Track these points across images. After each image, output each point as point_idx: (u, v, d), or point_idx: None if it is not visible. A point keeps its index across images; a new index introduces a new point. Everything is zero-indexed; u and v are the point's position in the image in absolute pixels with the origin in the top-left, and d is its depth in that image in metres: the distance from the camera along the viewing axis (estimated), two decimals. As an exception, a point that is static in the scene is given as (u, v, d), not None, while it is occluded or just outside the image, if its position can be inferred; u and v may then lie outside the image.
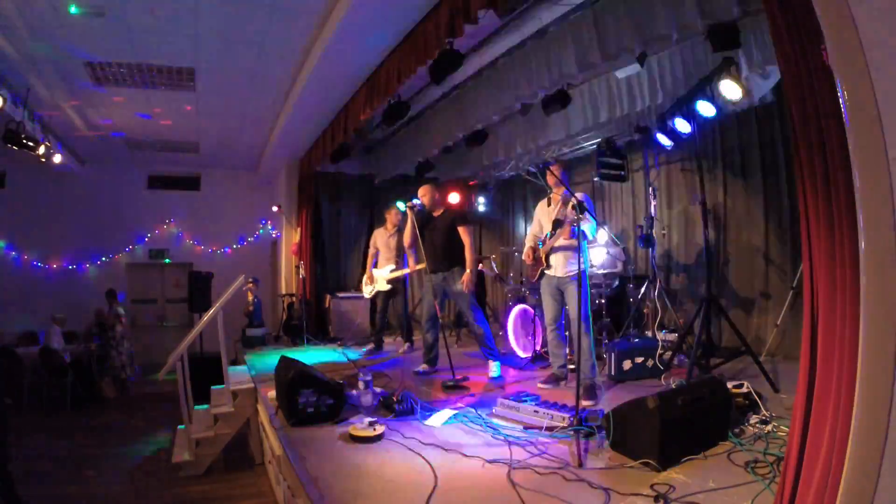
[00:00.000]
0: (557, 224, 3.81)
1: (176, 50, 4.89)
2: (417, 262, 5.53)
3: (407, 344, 5.97)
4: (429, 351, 4.72)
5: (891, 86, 1.36)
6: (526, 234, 4.39)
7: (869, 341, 1.41)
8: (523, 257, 4.12)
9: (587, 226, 3.60)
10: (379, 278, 5.82)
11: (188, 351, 4.29)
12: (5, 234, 8.54)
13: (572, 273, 3.70)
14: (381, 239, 5.90)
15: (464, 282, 4.43)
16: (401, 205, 8.21)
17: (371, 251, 5.99)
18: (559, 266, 3.83)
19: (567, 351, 4.17)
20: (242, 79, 5.59)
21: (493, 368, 4.48)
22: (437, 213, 4.69)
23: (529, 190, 7.73)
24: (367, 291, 6.01)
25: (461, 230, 4.52)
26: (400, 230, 5.68)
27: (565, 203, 3.81)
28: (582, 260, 3.30)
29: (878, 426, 1.36)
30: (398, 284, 5.81)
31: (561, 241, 3.79)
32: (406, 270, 5.68)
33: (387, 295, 5.84)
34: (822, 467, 1.53)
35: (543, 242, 3.96)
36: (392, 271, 5.74)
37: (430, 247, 4.59)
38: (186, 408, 4.21)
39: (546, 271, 3.91)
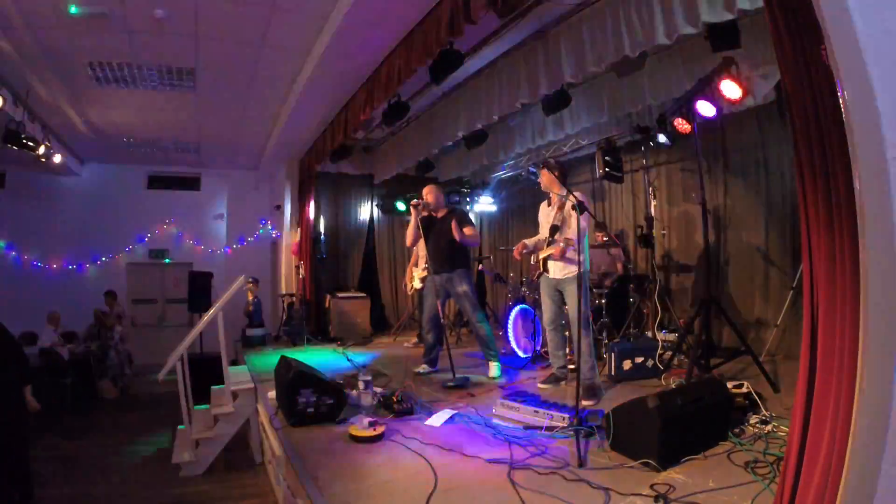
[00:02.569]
0: (555, 230, 3.76)
1: (176, 50, 4.89)
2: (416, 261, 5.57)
3: (414, 340, 6.03)
4: (429, 351, 4.72)
5: (891, 86, 1.36)
6: (525, 234, 4.34)
7: (869, 341, 1.41)
8: (514, 254, 4.00)
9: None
10: (416, 277, 6.06)
11: (188, 351, 4.29)
12: (5, 234, 8.53)
13: (570, 274, 3.68)
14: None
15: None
16: (401, 204, 8.26)
17: (414, 254, 6.22)
18: (557, 269, 3.79)
19: (567, 351, 4.16)
20: (242, 79, 5.59)
21: (494, 369, 4.48)
22: (440, 215, 4.66)
23: (529, 190, 7.73)
24: (409, 290, 6.48)
25: (466, 230, 4.47)
26: None
27: (561, 207, 3.74)
28: (581, 261, 3.29)
29: (878, 426, 1.36)
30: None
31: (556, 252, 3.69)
32: None
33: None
34: (822, 467, 1.53)
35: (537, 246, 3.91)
36: (423, 269, 5.91)
37: (433, 248, 4.57)
38: (186, 408, 4.21)
39: (545, 274, 3.88)
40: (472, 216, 8.21)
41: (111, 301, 8.01)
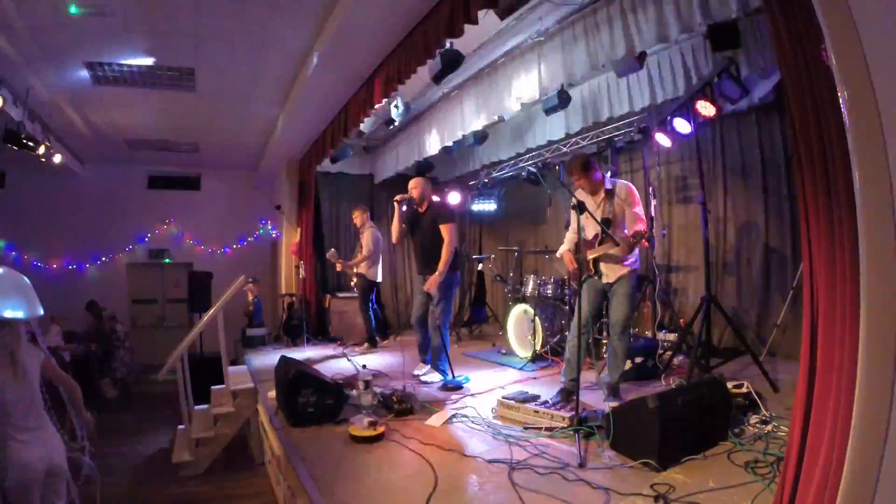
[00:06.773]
0: (607, 224, 3.36)
1: (176, 50, 4.89)
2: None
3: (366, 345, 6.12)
4: (423, 351, 4.68)
5: (891, 86, 1.36)
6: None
7: (869, 341, 1.41)
8: (565, 261, 3.66)
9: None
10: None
11: (188, 351, 4.29)
12: (5, 234, 8.53)
13: (623, 273, 3.40)
14: None
15: (430, 283, 4.16)
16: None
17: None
18: (611, 272, 3.42)
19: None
20: (242, 79, 5.59)
21: (432, 376, 4.37)
22: (423, 210, 4.46)
23: (529, 190, 7.72)
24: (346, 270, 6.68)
25: (443, 228, 4.25)
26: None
27: (609, 196, 3.39)
28: (635, 257, 3.23)
29: (878, 426, 1.36)
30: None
31: (614, 251, 3.35)
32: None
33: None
34: (822, 467, 1.53)
35: (586, 245, 3.48)
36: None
37: (419, 246, 4.46)
38: (186, 408, 4.21)
39: (593, 277, 3.50)
40: (480, 212, 8.16)
41: (96, 311, 7.89)
